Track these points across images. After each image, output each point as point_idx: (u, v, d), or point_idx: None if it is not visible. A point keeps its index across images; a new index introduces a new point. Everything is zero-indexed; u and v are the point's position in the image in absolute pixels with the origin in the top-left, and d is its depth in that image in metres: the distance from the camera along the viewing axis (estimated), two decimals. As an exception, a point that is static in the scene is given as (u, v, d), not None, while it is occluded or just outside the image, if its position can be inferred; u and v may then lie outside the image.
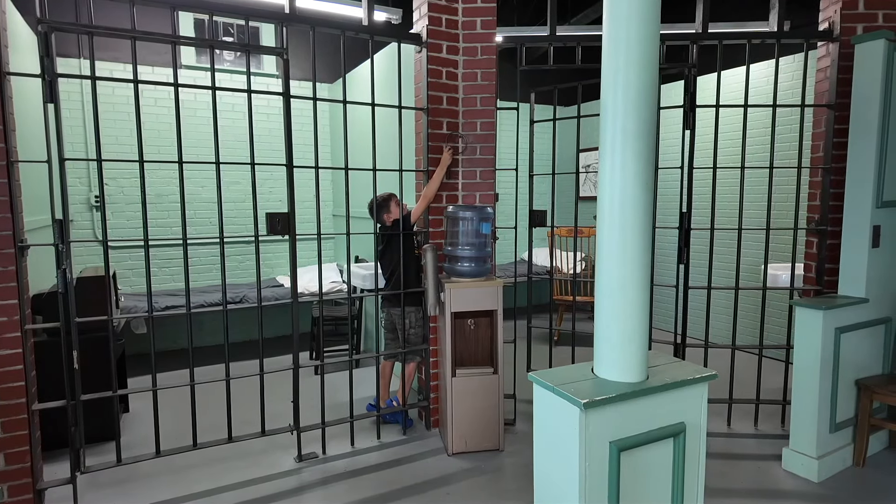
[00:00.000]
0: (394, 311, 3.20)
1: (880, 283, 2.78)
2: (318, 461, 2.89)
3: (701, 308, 4.13)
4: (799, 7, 3.98)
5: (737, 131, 4.09)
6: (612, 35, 1.52)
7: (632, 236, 1.53)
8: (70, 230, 2.36)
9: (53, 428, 2.76)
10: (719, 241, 4.17)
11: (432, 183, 3.04)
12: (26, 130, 2.98)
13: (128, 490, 2.60)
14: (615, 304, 1.56)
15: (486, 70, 3.11)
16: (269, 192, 5.13)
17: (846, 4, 2.94)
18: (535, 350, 3.57)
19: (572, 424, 1.45)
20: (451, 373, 2.90)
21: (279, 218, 2.76)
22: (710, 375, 1.61)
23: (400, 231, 3.08)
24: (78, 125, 4.40)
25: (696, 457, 1.63)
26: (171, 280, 4.83)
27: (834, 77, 3.00)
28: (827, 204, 3.05)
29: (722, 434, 3.16)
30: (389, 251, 3.18)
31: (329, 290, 4.64)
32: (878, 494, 2.53)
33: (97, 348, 2.86)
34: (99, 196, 2.47)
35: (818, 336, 2.60)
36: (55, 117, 2.25)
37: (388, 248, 3.19)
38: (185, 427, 2.83)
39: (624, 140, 1.51)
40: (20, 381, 2.28)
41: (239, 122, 4.87)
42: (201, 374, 2.90)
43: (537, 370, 1.66)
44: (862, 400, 2.74)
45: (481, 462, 2.86)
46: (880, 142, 2.63)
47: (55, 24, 2.22)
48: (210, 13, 2.55)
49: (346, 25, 2.86)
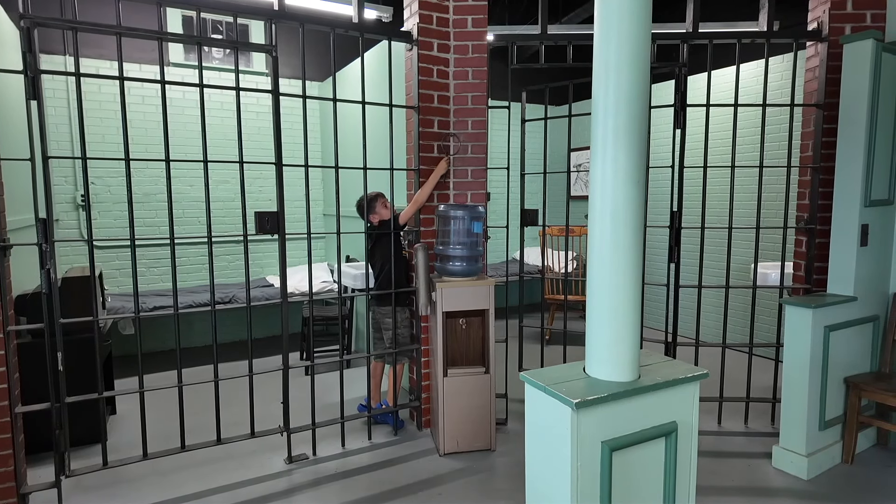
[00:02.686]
0: (380, 311, 3.19)
1: (868, 281, 2.80)
2: (309, 462, 2.87)
3: (691, 307, 4.15)
4: (788, 7, 4.00)
5: (727, 131, 4.11)
6: (603, 33, 1.52)
7: (623, 235, 1.52)
8: (55, 229, 2.32)
9: (38, 431, 2.71)
10: (710, 240, 4.20)
11: (424, 189, 3.03)
12: (10, 128, 2.93)
13: (114, 493, 2.56)
14: (607, 304, 1.55)
15: (477, 68, 3.10)
16: (258, 191, 5.09)
17: (834, 5, 2.96)
18: (526, 349, 3.56)
19: (564, 424, 1.45)
20: (442, 373, 2.88)
21: (268, 217, 2.73)
22: (702, 374, 1.61)
23: (390, 230, 3.06)
24: (64, 123, 4.34)
25: (687, 456, 1.62)
26: (159, 280, 4.78)
27: (823, 77, 3.02)
28: (816, 203, 3.07)
29: (712, 432, 3.17)
30: (377, 250, 3.17)
31: (319, 289, 4.61)
32: (867, 491, 2.54)
33: (83, 349, 2.82)
34: (85, 195, 2.43)
35: (807, 334, 2.62)
36: (38, 114, 2.21)
37: (376, 248, 3.18)
38: (173, 429, 2.79)
39: (615, 138, 1.50)
40: (3, 383, 2.24)
41: (227, 120, 4.83)
42: (190, 376, 2.87)
43: (529, 369, 1.65)
44: (850, 397, 2.76)
45: (473, 462, 2.85)
46: (868, 141, 2.64)
47: (38, 20, 2.17)
48: (198, 10, 2.52)
49: (335, 23, 2.84)
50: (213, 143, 2.78)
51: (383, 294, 3.11)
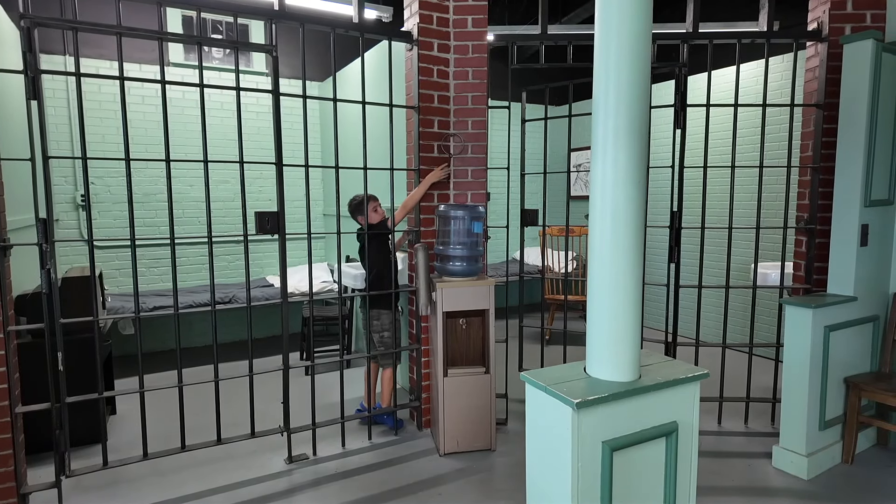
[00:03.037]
0: (370, 313, 3.16)
1: (868, 281, 2.80)
2: (309, 462, 2.87)
3: (691, 307, 4.15)
4: (788, 7, 4.00)
5: (727, 131, 4.11)
6: (604, 33, 1.52)
7: (624, 235, 1.52)
8: (55, 229, 2.32)
9: (38, 431, 2.71)
10: (709, 240, 4.20)
11: (414, 194, 3.03)
12: (10, 128, 2.93)
13: (114, 493, 2.56)
14: (607, 304, 1.55)
15: (478, 68, 3.10)
16: (258, 191, 5.09)
17: (834, 5, 2.96)
18: (526, 349, 3.56)
19: (565, 424, 1.45)
20: (442, 372, 2.88)
21: (268, 217, 2.73)
22: (702, 374, 1.61)
23: (388, 231, 3.06)
24: (63, 123, 4.34)
25: (688, 456, 1.62)
26: (159, 280, 4.78)
27: (823, 77, 3.02)
28: (816, 203, 3.07)
29: (712, 432, 3.17)
30: (367, 252, 3.16)
31: (319, 289, 4.61)
32: (867, 491, 2.54)
33: (83, 349, 2.82)
34: (85, 195, 2.43)
35: (807, 334, 2.62)
36: (38, 114, 2.21)
37: (364, 250, 3.17)
38: (173, 429, 2.79)
39: (616, 138, 1.50)
40: (3, 383, 2.24)
41: (227, 120, 4.83)
42: (190, 376, 2.87)
43: (529, 369, 1.65)
44: (850, 397, 2.76)
45: (473, 462, 2.85)
46: (868, 141, 2.64)
47: (38, 20, 2.17)
48: (198, 9, 2.52)
49: (336, 23, 2.84)
50: (212, 143, 2.78)
51: (372, 297, 3.10)
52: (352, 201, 3.15)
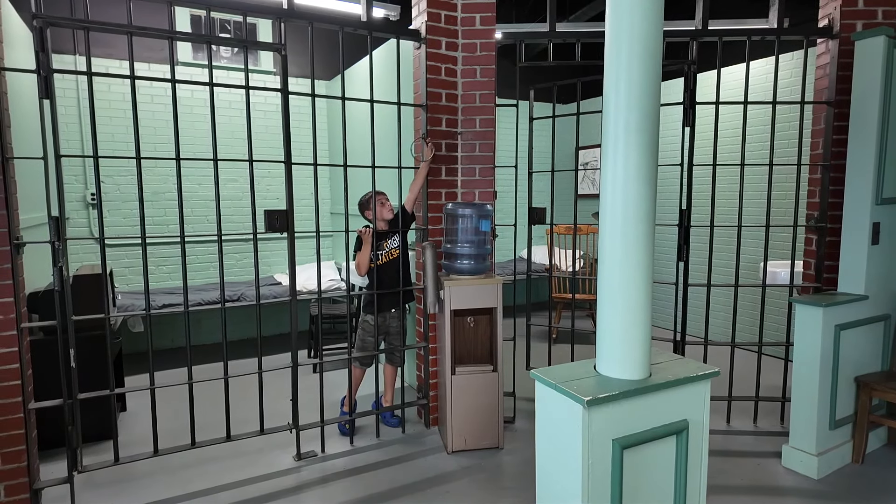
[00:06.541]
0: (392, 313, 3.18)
1: (879, 280, 2.78)
2: (317, 460, 2.88)
3: (700, 305, 4.13)
4: (798, 4, 3.97)
5: (736, 128, 4.09)
6: (615, 30, 1.51)
7: (634, 233, 1.52)
8: (66, 228, 2.34)
9: (50, 427, 2.74)
10: (719, 239, 4.18)
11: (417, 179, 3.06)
12: (22, 127, 2.95)
13: (125, 489, 2.58)
14: (617, 302, 1.55)
15: (486, 67, 3.09)
16: (266, 190, 5.11)
17: (846, 1, 2.94)
18: (533, 348, 3.56)
19: (575, 422, 1.44)
20: (450, 371, 2.89)
21: (277, 215, 2.74)
22: (713, 372, 1.61)
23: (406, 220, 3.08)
24: (74, 122, 4.37)
25: (698, 454, 1.62)
26: (168, 278, 4.81)
27: (833, 74, 2.99)
28: (826, 201, 3.05)
29: (721, 431, 3.16)
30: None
31: (327, 287, 4.63)
32: (877, 491, 2.53)
33: (94, 346, 2.85)
34: (95, 193, 2.45)
35: (818, 333, 2.60)
36: (51, 113, 2.23)
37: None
38: (183, 426, 2.81)
39: (627, 136, 1.49)
40: (16, 379, 2.26)
41: (235, 119, 4.84)
42: (199, 373, 2.88)
43: (536, 368, 1.65)
44: (861, 397, 2.74)
45: (481, 460, 2.85)
46: (880, 139, 2.62)
47: (50, 20, 2.19)
48: (208, 8, 2.53)
49: (344, 21, 2.84)
50: (221, 141, 2.79)
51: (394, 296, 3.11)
52: (361, 199, 3.18)
